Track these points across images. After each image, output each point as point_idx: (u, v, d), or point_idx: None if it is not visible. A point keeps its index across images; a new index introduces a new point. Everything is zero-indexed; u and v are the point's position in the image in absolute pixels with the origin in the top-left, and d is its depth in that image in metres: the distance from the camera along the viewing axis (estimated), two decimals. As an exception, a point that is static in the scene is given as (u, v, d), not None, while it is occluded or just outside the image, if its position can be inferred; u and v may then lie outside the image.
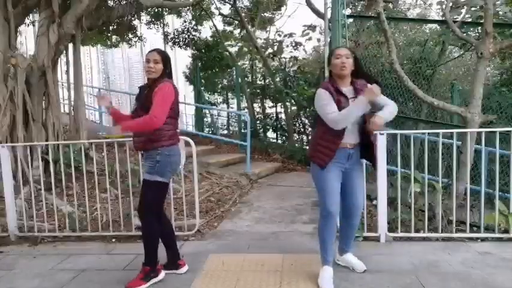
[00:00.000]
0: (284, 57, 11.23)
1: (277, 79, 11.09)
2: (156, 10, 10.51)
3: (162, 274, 2.90)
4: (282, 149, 9.56)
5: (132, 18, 9.36)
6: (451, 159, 3.64)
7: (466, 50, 7.47)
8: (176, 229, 3.86)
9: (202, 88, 11.89)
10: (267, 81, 12.09)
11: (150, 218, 2.78)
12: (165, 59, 2.79)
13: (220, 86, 13.19)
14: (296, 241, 3.68)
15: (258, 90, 12.01)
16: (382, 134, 3.51)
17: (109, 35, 10.28)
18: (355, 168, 2.80)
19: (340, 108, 2.57)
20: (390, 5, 8.19)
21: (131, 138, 2.93)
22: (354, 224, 2.91)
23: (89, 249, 3.63)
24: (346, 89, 2.68)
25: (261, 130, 11.50)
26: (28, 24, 8.75)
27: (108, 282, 2.90)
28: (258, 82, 12.53)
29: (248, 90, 11.14)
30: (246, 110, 10.95)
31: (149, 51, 2.84)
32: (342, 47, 2.88)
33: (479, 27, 5.31)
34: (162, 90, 2.68)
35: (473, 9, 5.19)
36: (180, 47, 11.61)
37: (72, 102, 6.46)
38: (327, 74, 4.76)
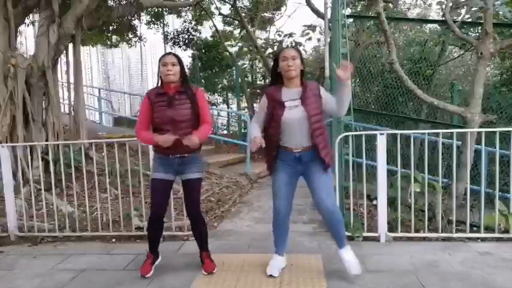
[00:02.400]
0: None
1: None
2: (156, 10, 10.52)
3: None
4: (282, 149, 9.53)
5: (132, 18, 9.37)
6: (451, 159, 3.64)
7: (466, 50, 7.48)
8: (176, 229, 3.87)
9: (202, 88, 11.88)
10: (267, 81, 12.09)
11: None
12: (181, 62, 2.85)
13: (220, 86, 13.20)
14: (296, 241, 3.67)
15: (258, 90, 12.01)
16: (382, 134, 3.51)
17: (109, 35, 10.29)
18: (313, 169, 2.72)
19: (274, 114, 2.64)
20: (390, 5, 8.20)
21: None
22: (329, 219, 2.78)
23: (89, 249, 3.63)
24: (293, 91, 2.67)
25: (261, 130, 11.48)
26: (28, 24, 8.75)
27: (108, 282, 2.90)
28: (258, 82, 12.53)
29: (248, 90, 11.14)
30: (246, 110, 10.94)
31: (164, 55, 2.85)
32: (289, 48, 2.80)
33: (479, 28, 5.31)
34: (204, 97, 2.91)
35: (473, 9, 5.19)
36: (180, 47, 11.62)
37: (72, 102, 6.46)
38: (327, 73, 4.78)
